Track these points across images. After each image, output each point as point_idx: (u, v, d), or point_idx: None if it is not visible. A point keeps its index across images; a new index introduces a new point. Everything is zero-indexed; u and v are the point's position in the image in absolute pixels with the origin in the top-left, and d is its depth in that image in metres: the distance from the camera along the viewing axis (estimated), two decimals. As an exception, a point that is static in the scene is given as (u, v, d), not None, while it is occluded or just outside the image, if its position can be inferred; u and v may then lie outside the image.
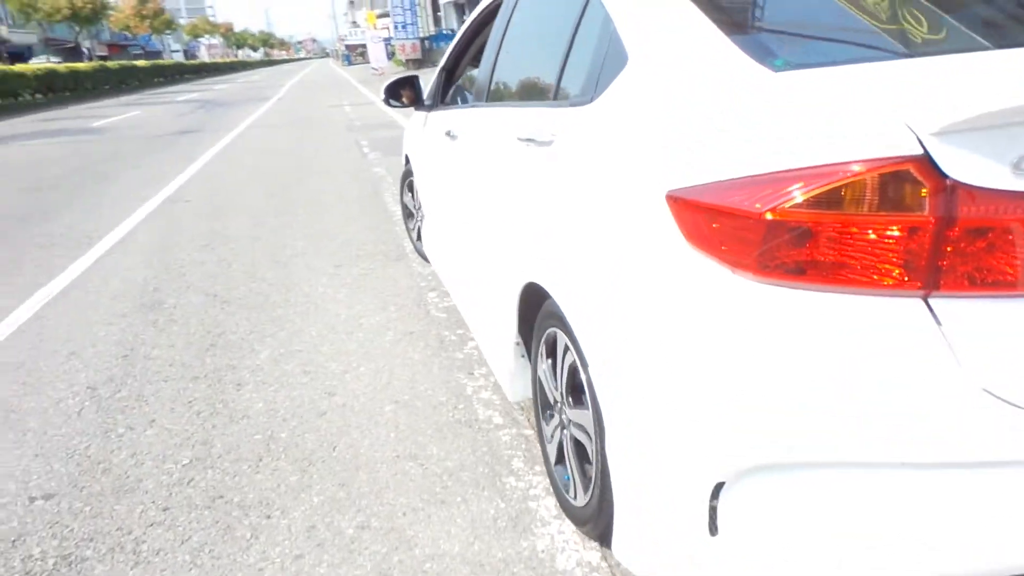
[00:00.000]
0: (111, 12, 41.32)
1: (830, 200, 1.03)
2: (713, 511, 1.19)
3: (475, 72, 3.08)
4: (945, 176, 0.98)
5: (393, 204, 5.95)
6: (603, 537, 1.68)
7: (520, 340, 2.16)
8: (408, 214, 4.60)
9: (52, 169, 9.17)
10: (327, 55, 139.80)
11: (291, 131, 12.41)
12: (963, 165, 0.98)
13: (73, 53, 52.52)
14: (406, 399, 2.62)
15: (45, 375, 2.99)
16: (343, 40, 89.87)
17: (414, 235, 4.40)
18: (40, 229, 5.75)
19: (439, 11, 51.22)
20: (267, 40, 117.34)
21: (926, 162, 0.98)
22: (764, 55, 1.24)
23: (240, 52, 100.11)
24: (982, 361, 1.01)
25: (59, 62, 29.36)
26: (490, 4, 2.86)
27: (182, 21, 76.52)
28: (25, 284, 4.27)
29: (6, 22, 47.91)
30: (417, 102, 3.67)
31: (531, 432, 2.35)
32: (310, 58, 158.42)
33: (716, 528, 1.20)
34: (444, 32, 44.50)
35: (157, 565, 1.81)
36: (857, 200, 1.02)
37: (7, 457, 2.37)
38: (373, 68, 35.92)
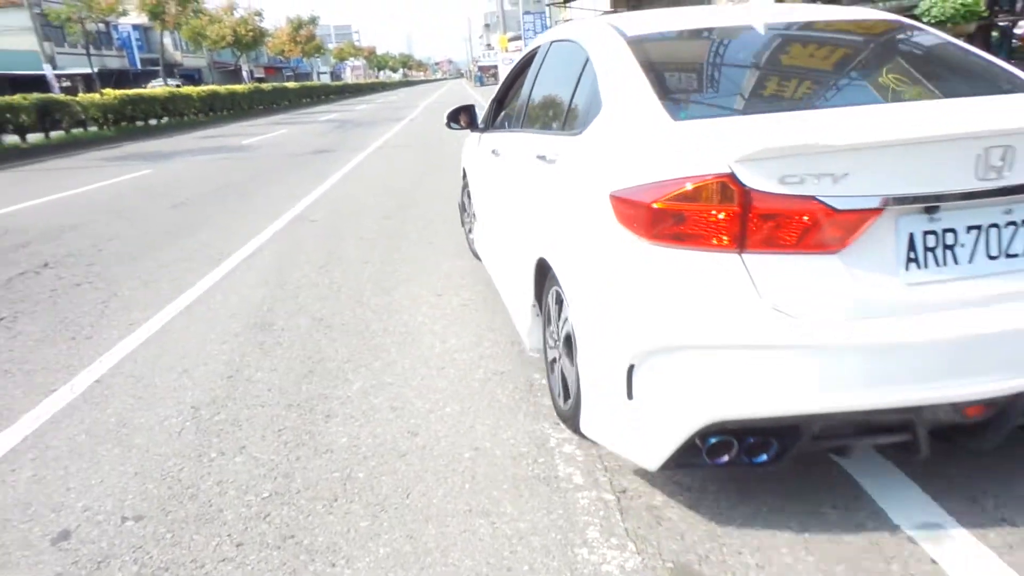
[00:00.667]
0: (269, 38, 44.79)
1: (686, 197, 1.78)
2: (629, 383, 1.96)
3: (515, 104, 3.81)
4: (743, 185, 1.72)
5: (503, 231, 5.94)
6: (575, 426, 2.39)
7: (536, 303, 2.90)
8: (464, 220, 5.42)
9: (201, 185, 9.95)
10: (461, 75, 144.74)
11: (417, 153, 12.82)
12: (753, 179, 1.72)
13: (234, 75, 57.45)
14: (487, 446, 2.54)
15: (158, 391, 3.17)
16: (476, 61, 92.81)
17: (470, 237, 5.12)
18: (181, 244, 6.20)
19: (570, 33, 51.66)
20: (406, 62, 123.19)
21: (733, 177, 1.73)
22: (674, 110, 2.06)
23: (381, 73, 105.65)
24: (771, 291, 1.74)
25: (177, 85, 31.88)
26: (525, 57, 3.82)
27: (330, 46, 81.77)
28: (159, 298, 4.59)
29: (181, 48, 53.22)
30: (472, 125, 4.43)
31: (612, 497, 2.20)
32: (445, 78, 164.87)
33: (631, 394, 1.97)
34: (574, 54, 44.78)
35: (220, 606, 1.83)
36: (700, 197, 1.76)
37: (111, 473, 2.50)
38: (502, 89, 36.70)
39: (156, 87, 28.90)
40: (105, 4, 23.50)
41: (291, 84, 46.35)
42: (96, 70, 37.70)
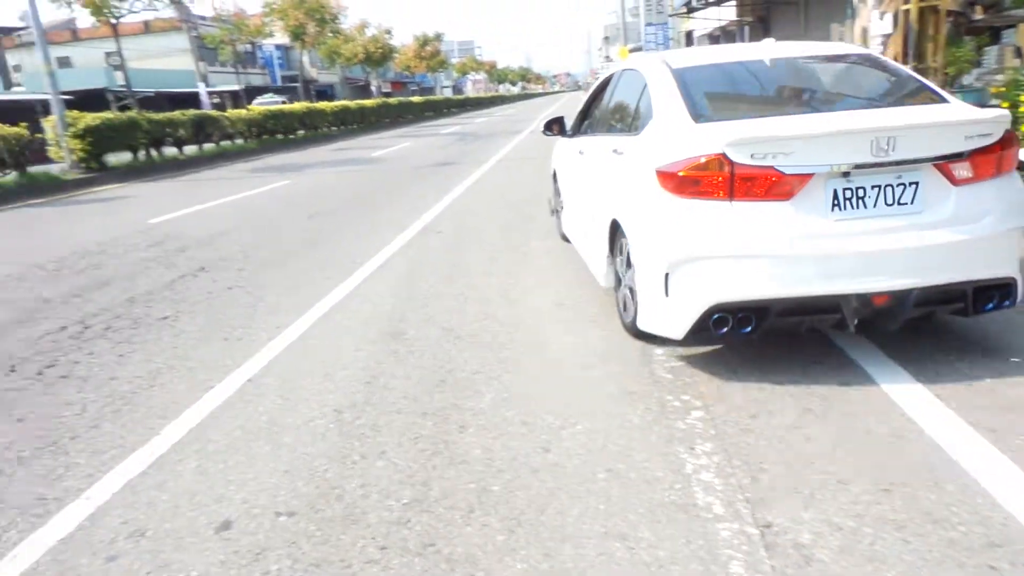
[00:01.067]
0: (397, 55, 46.79)
1: (699, 168, 2.92)
2: (666, 285, 3.07)
3: (595, 115, 4.99)
4: (731, 160, 2.85)
5: (627, 247, 5.88)
6: (634, 328, 3.52)
7: (609, 253, 3.96)
8: (552, 210, 6.63)
9: (334, 196, 10.51)
10: (579, 87, 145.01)
11: (537, 166, 12.92)
12: (736, 156, 2.83)
13: (364, 90, 60.39)
14: (620, 468, 2.51)
15: (303, 393, 3.36)
16: (595, 74, 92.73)
17: (559, 222, 6.25)
18: (318, 253, 6.57)
19: (691, 43, 50.65)
20: (525, 75, 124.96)
21: (725, 156, 2.86)
22: (696, 117, 3.23)
23: (500, 87, 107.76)
24: (749, 224, 2.88)
25: (282, 102, 33.49)
26: (602, 81, 5.00)
27: (453, 60, 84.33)
28: (301, 304, 4.87)
29: (316, 66, 56.62)
30: (562, 132, 5.64)
31: (755, 531, 2.11)
32: (563, 91, 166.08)
33: (667, 292, 3.08)
34: (696, 65, 43.72)
35: (367, 607, 1.90)
36: (707, 168, 2.90)
37: (264, 470, 2.67)
38: (621, 102, 36.40)
39: (265, 103, 30.85)
40: (253, 27, 25.41)
41: (416, 98, 48.16)
42: (243, 87, 40.83)
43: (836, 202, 2.90)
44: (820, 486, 2.33)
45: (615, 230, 3.76)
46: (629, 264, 3.51)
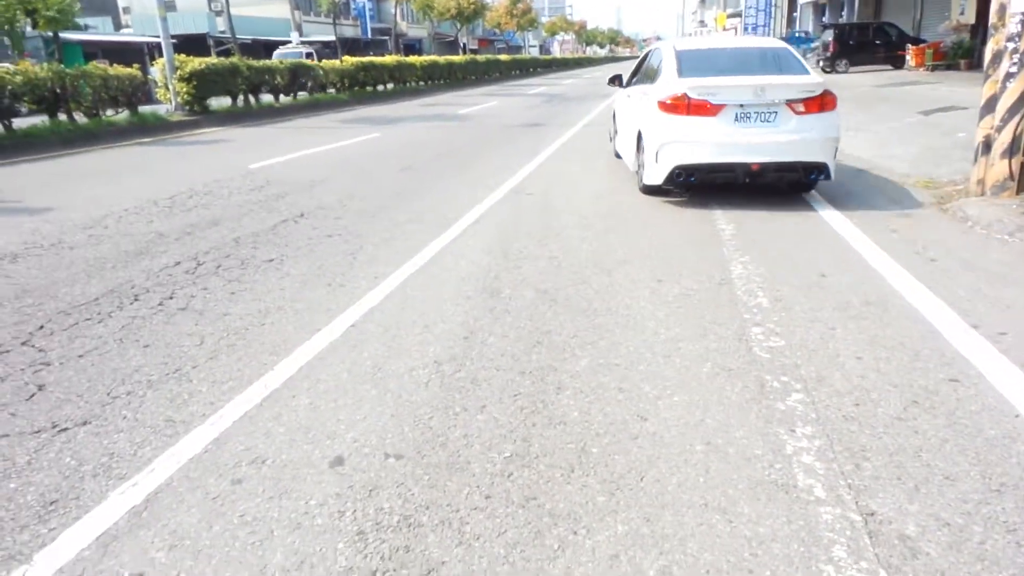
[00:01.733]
0: (488, 11, 46.40)
1: (674, 99, 6.08)
2: (656, 156, 6.23)
3: (639, 73, 7.93)
4: (689, 96, 6.02)
5: (722, 218, 5.77)
6: (641, 183, 6.74)
7: (636, 151, 6.96)
8: (610, 137, 9.62)
9: (424, 151, 10.65)
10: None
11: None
12: (692, 94, 6.01)
13: (451, 46, 60.33)
14: (719, 443, 2.52)
15: (404, 342, 3.49)
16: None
17: (612, 144, 9.29)
18: (412, 206, 6.71)
19: (795, 11, 48.18)
20: (614, 38, 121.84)
21: (685, 94, 6.03)
22: (680, 74, 6.32)
23: (588, 48, 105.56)
24: (694, 126, 6.02)
25: (306, 55, 33.60)
26: (644, 54, 8.26)
27: (544, 19, 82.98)
28: (397, 255, 5.02)
29: (407, 19, 56.86)
30: (619, 85, 8.71)
31: (858, 518, 2.10)
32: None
33: (657, 160, 6.23)
34: (796, 34, 41.74)
35: (476, 550, 2.01)
36: (678, 99, 6.06)
37: (372, 412, 2.81)
38: (715, 69, 35.18)
39: (287, 55, 31.20)
40: (352, -23, 25.60)
41: (503, 56, 47.78)
42: (334, 38, 41.48)
43: (736, 118, 5.95)
44: (926, 479, 2.28)
45: (639, 137, 6.79)
46: (641, 150, 6.69)
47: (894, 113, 12.50)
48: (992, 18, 5.66)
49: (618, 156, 8.77)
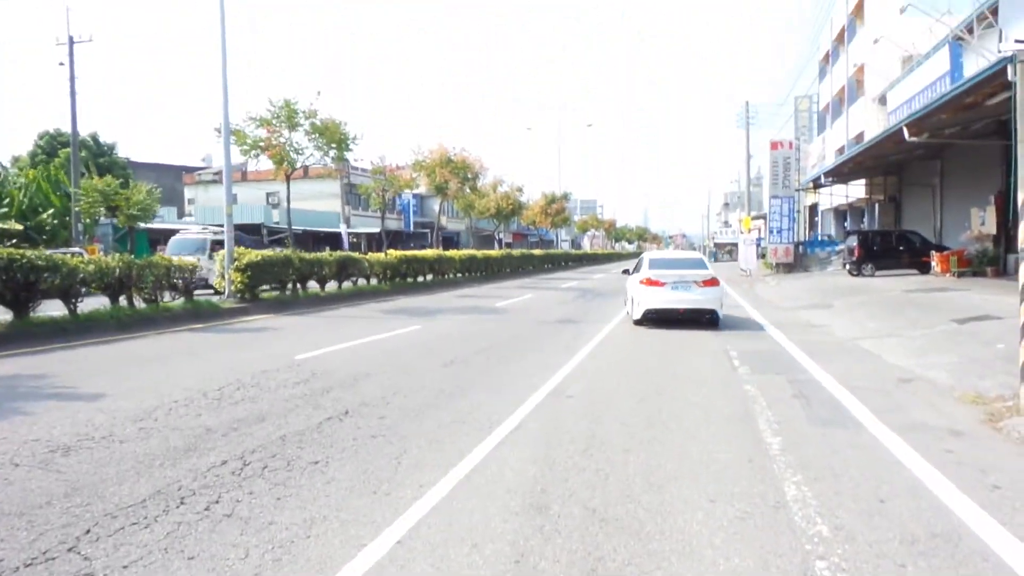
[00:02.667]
0: (524, 210, 49.56)
1: (646, 279, 13.68)
2: (639, 304, 13.47)
3: (635, 267, 15.21)
4: (650, 278, 13.49)
5: (767, 431, 5.70)
6: (634, 322, 13.88)
7: (629, 303, 14.77)
8: (625, 304, 15.77)
9: (465, 346, 10.93)
10: (693, 249, 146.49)
11: (661, 332, 12.99)
12: (652, 276, 13.63)
13: (488, 239, 63.81)
14: None
15: (452, 564, 3.38)
16: (713, 238, 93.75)
17: (627, 311, 14.97)
18: (454, 405, 6.78)
19: (816, 216, 50.58)
20: (642, 235, 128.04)
21: (648, 278, 13.59)
22: (651, 267, 13.92)
23: (617, 244, 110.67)
24: (654, 292, 13.25)
25: (207, 238, 35.53)
26: (639, 257, 16.40)
27: (576, 217, 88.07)
28: (443, 461, 5.00)
29: (447, 214, 60.91)
30: (627, 274, 15.64)
31: None
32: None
33: (639, 306, 13.48)
34: (820, 238, 43.48)
35: None
36: (647, 279, 13.84)
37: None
38: (742, 269, 36.39)
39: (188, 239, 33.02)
40: (403, 182, 27.95)
41: (537, 251, 50.28)
42: (379, 230, 44.32)
43: (672, 288, 13.01)
44: None
45: (632, 297, 13.85)
46: (633, 303, 13.83)
47: (927, 319, 12.63)
48: (1021, 243, 5.91)
49: (629, 315, 14.61)
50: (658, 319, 13.34)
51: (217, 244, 19.73)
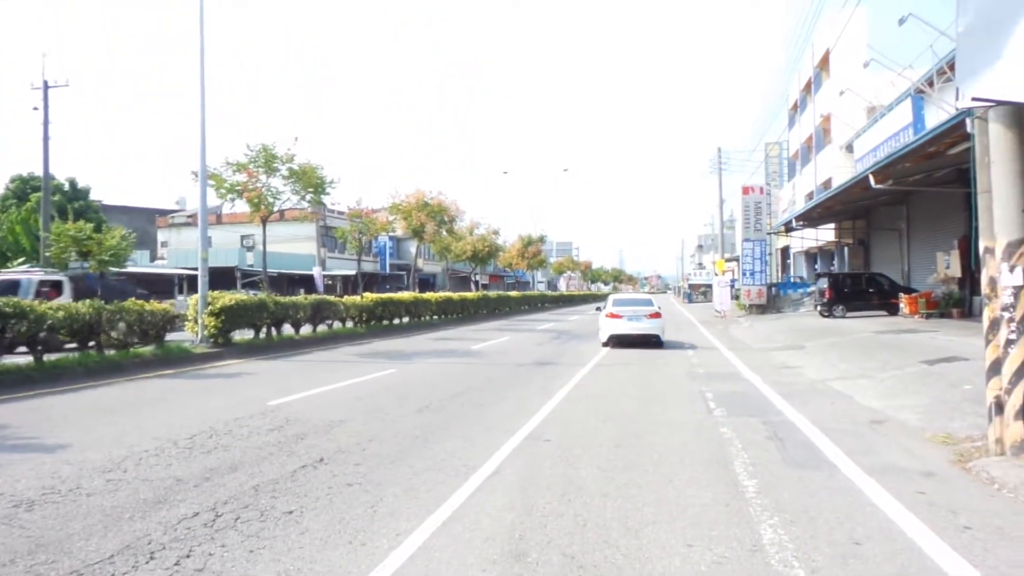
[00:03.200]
0: (501, 253, 49.83)
1: (610, 314, 19.92)
2: (605, 332, 19.03)
3: (604, 303, 21.34)
4: (614, 312, 19.61)
5: (743, 473, 5.73)
6: (602, 343, 19.34)
7: (600, 331, 19.63)
8: (597, 335, 20.67)
9: (440, 390, 10.86)
10: (668, 289, 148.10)
11: (637, 372, 13.06)
12: (614, 311, 19.99)
13: (464, 280, 63.90)
14: None
15: (429, 616, 3.33)
16: (687, 279, 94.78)
17: (600, 337, 19.67)
18: (429, 452, 6.72)
19: (788, 258, 51.52)
20: (617, 276, 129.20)
21: (612, 312, 19.78)
22: (613, 305, 20.23)
23: (593, 285, 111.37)
24: (616, 323, 18.84)
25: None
26: (607, 299, 22.11)
27: (552, 259, 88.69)
28: (419, 509, 4.95)
29: (423, 256, 61.06)
30: (600, 311, 20.66)
31: None
32: (653, 293, 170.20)
33: (604, 334, 19.09)
34: (792, 279, 44.24)
35: None
36: (611, 314, 19.81)
37: None
38: (716, 310, 36.80)
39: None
40: (380, 225, 28.02)
41: (514, 293, 50.39)
42: (354, 273, 44.21)
43: (628, 319, 18.56)
44: None
45: (600, 327, 19.41)
46: (601, 331, 19.29)
47: (897, 361, 12.85)
48: (984, 289, 6.09)
49: (602, 340, 19.10)
50: (618, 343, 18.78)
51: (47, 286, 18.02)
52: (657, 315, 18.74)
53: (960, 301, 22.39)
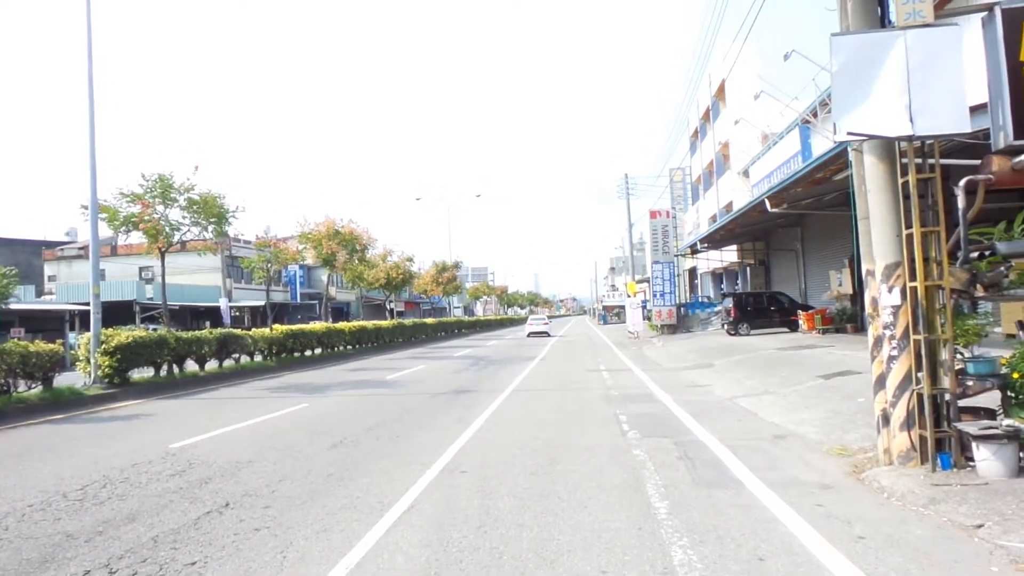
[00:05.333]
0: (416, 279, 49.46)
1: (529, 322, 61.07)
2: (527, 330, 52.04)
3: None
4: (529, 320, 60.10)
5: (655, 495, 5.86)
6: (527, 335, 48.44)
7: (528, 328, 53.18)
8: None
9: (354, 424, 10.61)
10: (584, 312, 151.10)
11: (554, 398, 13.18)
12: (530, 320, 62.48)
13: (379, 308, 62.92)
14: None
15: (341, 666, 3.22)
16: (601, 301, 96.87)
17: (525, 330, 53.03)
18: (344, 490, 6.54)
19: (696, 279, 53.58)
20: (533, 299, 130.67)
21: (528, 321, 60.98)
22: (529, 317, 61.35)
23: (510, 310, 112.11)
24: (536, 322, 52.01)
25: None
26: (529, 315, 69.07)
27: (468, 285, 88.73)
28: (331, 552, 4.79)
29: (336, 285, 59.78)
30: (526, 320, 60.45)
31: None
32: (569, 315, 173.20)
33: (528, 329, 53.04)
34: (700, 299, 45.98)
35: None
36: (530, 324, 54.73)
37: None
38: (630, 331, 37.73)
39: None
40: (289, 255, 27.26)
41: (430, 320, 50.06)
42: (263, 303, 42.77)
43: (535, 323, 51.61)
44: None
45: (527, 327, 52.49)
46: (526, 329, 51.11)
47: (797, 376, 13.53)
48: (867, 308, 6.53)
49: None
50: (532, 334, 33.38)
51: None
52: (547, 323, 47.58)
53: (853, 316, 23.83)
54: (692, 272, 53.72)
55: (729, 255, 39.29)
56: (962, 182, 5.80)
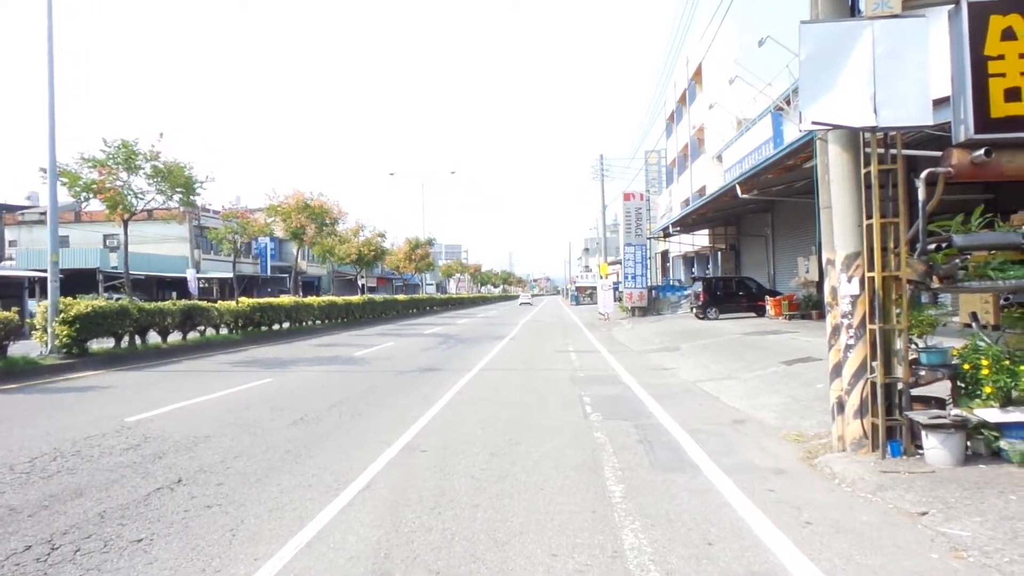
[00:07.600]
0: (388, 255, 49.10)
1: (520, 299, 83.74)
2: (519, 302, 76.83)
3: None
4: (520, 295, 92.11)
5: (612, 478, 5.90)
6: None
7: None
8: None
9: (317, 400, 10.52)
10: (557, 292, 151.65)
11: (521, 378, 13.20)
12: (522, 294, 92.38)
13: (351, 284, 62.47)
14: None
15: (282, 647, 3.19)
16: (574, 281, 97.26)
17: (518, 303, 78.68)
18: (302, 467, 6.48)
19: (667, 262, 53.96)
20: (507, 278, 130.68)
21: (519, 296, 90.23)
22: (521, 295, 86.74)
23: (483, 288, 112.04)
24: (522, 297, 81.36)
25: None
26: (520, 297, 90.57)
27: (441, 262, 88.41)
28: (282, 530, 4.75)
29: (307, 259, 59.10)
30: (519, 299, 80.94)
31: None
32: (542, 294, 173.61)
33: (518, 301, 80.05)
34: (671, 283, 46.33)
35: None
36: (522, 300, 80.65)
37: None
38: (600, 312, 37.92)
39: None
40: (257, 228, 26.83)
41: (401, 296, 49.79)
42: (232, 275, 42.17)
43: (523, 299, 78.56)
44: None
45: (518, 302, 75.27)
46: (518, 302, 65.98)
47: (760, 361, 13.71)
48: (827, 297, 6.59)
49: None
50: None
51: None
52: (530, 303, 69.11)
53: (818, 303, 24.17)
54: (664, 255, 54.09)
55: (701, 239, 39.59)
56: (923, 174, 5.85)
